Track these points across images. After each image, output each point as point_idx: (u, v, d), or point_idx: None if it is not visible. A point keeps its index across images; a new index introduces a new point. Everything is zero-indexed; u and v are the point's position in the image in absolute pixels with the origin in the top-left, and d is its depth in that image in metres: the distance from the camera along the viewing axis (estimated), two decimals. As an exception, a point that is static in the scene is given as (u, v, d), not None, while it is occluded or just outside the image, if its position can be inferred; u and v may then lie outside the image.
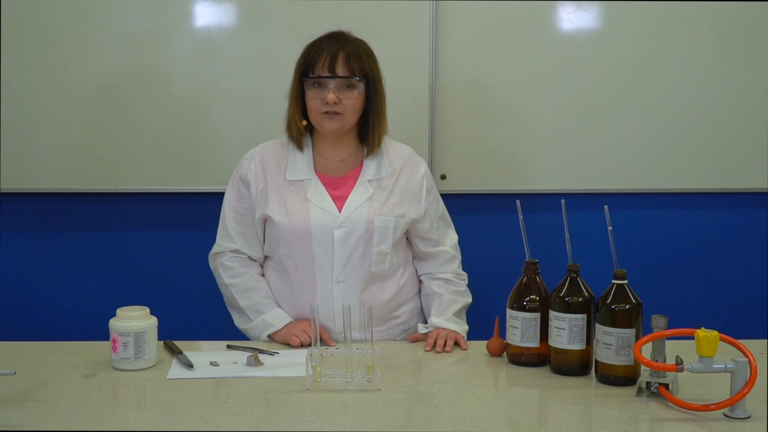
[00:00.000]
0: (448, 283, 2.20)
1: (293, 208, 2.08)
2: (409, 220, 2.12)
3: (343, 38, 2.07)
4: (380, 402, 1.66)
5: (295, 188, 2.10)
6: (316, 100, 2.03)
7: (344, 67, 2.02)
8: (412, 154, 2.21)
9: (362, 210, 2.08)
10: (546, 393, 1.73)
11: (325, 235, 2.07)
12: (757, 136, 2.95)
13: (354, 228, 2.07)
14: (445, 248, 2.21)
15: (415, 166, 2.18)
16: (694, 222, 3.06)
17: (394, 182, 2.13)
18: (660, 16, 2.88)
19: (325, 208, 2.07)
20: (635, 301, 1.75)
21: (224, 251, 2.15)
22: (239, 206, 2.14)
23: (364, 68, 2.05)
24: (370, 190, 2.10)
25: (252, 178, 2.11)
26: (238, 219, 2.14)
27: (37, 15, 2.77)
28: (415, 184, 2.15)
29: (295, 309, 2.12)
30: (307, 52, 2.06)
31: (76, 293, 2.97)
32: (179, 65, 2.83)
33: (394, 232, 2.10)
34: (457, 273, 2.23)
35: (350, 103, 2.03)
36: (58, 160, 2.84)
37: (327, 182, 2.11)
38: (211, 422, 1.55)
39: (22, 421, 1.55)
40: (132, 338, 1.81)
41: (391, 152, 2.16)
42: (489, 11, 2.86)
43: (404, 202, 2.12)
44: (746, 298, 3.05)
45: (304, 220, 2.07)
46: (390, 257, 2.11)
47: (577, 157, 2.94)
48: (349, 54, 2.03)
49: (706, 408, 1.59)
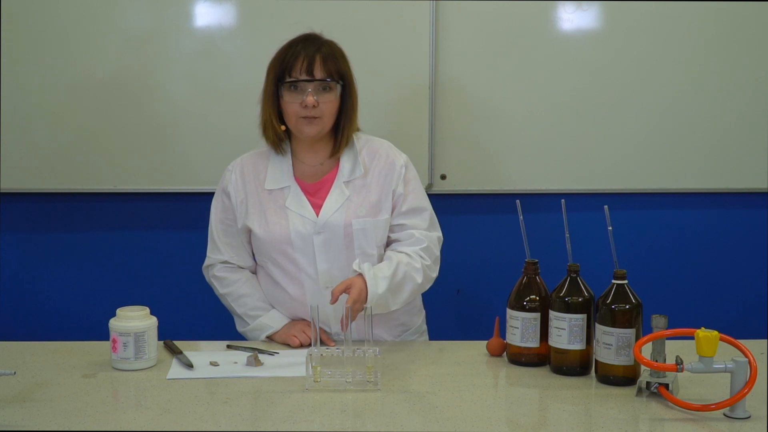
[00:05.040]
0: (407, 256, 2.03)
1: (272, 218, 2.07)
2: (388, 218, 2.08)
3: (318, 40, 2.04)
4: (380, 402, 1.66)
5: (274, 197, 2.08)
6: (293, 104, 2.00)
7: (322, 69, 2.00)
8: (388, 150, 2.13)
9: (339, 214, 2.05)
10: (546, 393, 1.73)
11: (305, 242, 2.05)
12: (757, 136, 2.95)
13: (333, 233, 2.04)
14: (412, 231, 2.07)
15: (392, 162, 2.10)
16: (694, 222, 3.06)
17: (370, 182, 2.08)
18: (660, 15, 2.88)
19: (303, 214, 2.05)
20: (635, 301, 1.75)
21: (214, 263, 2.16)
22: (225, 218, 2.13)
23: (340, 70, 2.03)
24: (346, 193, 2.06)
25: (232, 189, 2.11)
26: (224, 230, 2.14)
27: (37, 15, 2.77)
28: (391, 179, 2.09)
29: (291, 313, 2.12)
30: (282, 55, 2.03)
31: (76, 293, 2.97)
32: (179, 65, 2.83)
33: (375, 233, 2.06)
34: (420, 255, 2.04)
35: (328, 106, 2.01)
36: (58, 160, 2.84)
37: (306, 188, 2.08)
38: (211, 422, 1.55)
39: (22, 421, 1.55)
40: (132, 338, 1.81)
41: (365, 150, 2.11)
42: (489, 11, 2.86)
43: (381, 201, 2.08)
44: (746, 298, 3.05)
45: (283, 229, 2.05)
46: (376, 258, 2.06)
47: (577, 157, 2.94)
48: (326, 56, 2.01)
49: (706, 408, 1.59)
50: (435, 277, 2.12)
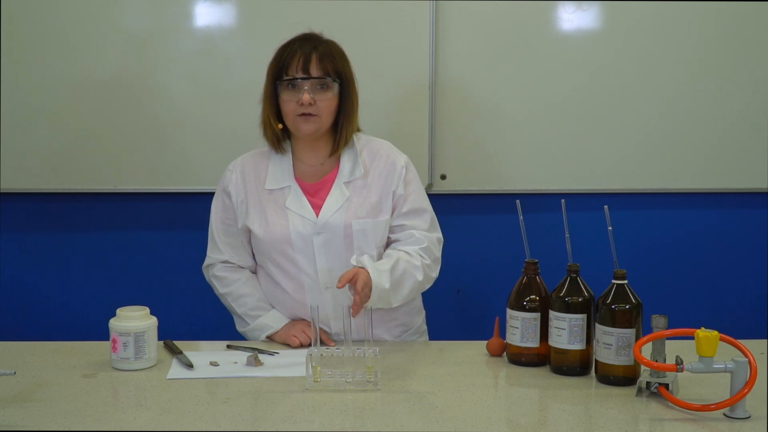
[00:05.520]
0: (407, 254, 2.04)
1: (272, 218, 2.07)
2: (388, 219, 2.08)
3: (315, 39, 2.05)
4: (380, 402, 1.66)
5: (275, 197, 2.08)
6: (290, 102, 2.01)
7: (318, 67, 2.00)
8: (389, 150, 2.13)
9: (339, 214, 2.05)
10: (546, 393, 1.73)
11: (305, 243, 2.05)
12: (757, 136, 2.95)
13: (333, 233, 2.04)
14: (412, 231, 2.08)
15: (392, 163, 2.10)
16: (694, 222, 3.06)
17: (370, 182, 2.09)
18: (660, 15, 2.88)
19: (303, 215, 2.05)
20: (635, 301, 1.75)
21: (215, 263, 2.16)
22: (225, 218, 2.14)
23: (337, 68, 2.03)
24: (346, 193, 2.07)
25: (233, 189, 2.11)
26: (224, 230, 2.14)
27: (37, 15, 2.77)
28: (392, 179, 2.09)
29: (290, 314, 2.12)
30: (279, 54, 2.04)
31: (76, 293, 2.97)
32: (179, 65, 2.83)
33: (375, 233, 2.06)
34: (420, 254, 2.05)
35: (325, 104, 2.01)
36: (58, 160, 2.84)
37: (306, 189, 2.09)
38: (211, 422, 1.55)
39: (22, 421, 1.55)
40: (132, 338, 1.81)
41: (366, 151, 2.11)
42: (489, 11, 2.86)
43: (382, 202, 2.08)
44: (746, 298, 3.05)
45: (283, 229, 2.06)
46: (375, 259, 2.05)
47: (577, 157, 2.94)
48: (323, 55, 2.02)
49: (706, 408, 1.59)
50: (435, 278, 2.11)
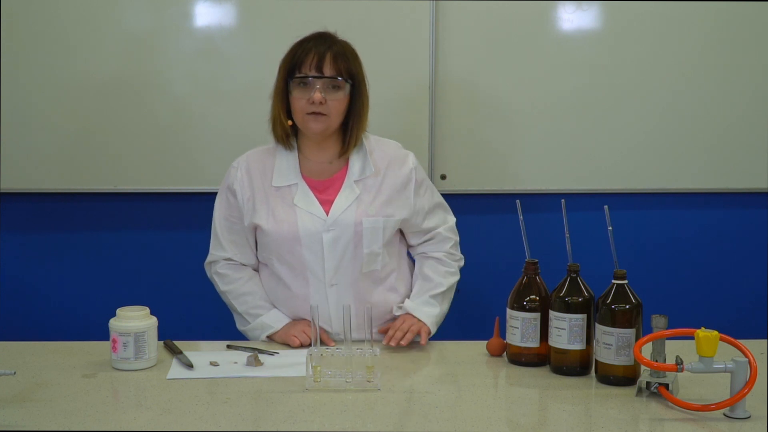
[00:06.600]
0: (439, 262, 2.18)
1: (281, 215, 2.07)
2: (399, 219, 2.10)
3: (330, 39, 2.05)
4: (380, 402, 1.66)
5: (282, 194, 2.09)
6: (301, 100, 2.01)
7: (331, 67, 2.01)
8: (398, 150, 2.16)
9: (350, 212, 2.06)
10: (546, 393, 1.73)
11: (314, 240, 2.06)
12: (757, 136, 2.95)
13: (342, 231, 2.05)
14: (438, 230, 2.19)
15: (402, 162, 2.13)
16: (694, 222, 3.06)
17: (380, 181, 2.10)
18: (660, 15, 2.88)
19: (312, 212, 2.06)
20: (635, 301, 1.75)
21: (217, 260, 2.16)
22: (229, 215, 2.14)
23: (350, 69, 2.03)
24: (356, 191, 2.08)
25: (238, 186, 2.11)
26: (228, 227, 2.14)
27: (37, 15, 2.77)
28: (402, 180, 2.11)
29: (292, 312, 2.12)
30: (293, 51, 2.04)
31: (76, 293, 2.97)
32: (179, 65, 2.83)
33: (384, 232, 2.08)
34: (450, 253, 2.20)
35: (335, 104, 2.02)
36: (58, 160, 2.84)
37: (313, 186, 2.09)
38: (211, 422, 1.55)
39: (22, 421, 1.55)
40: (132, 338, 1.81)
41: (376, 150, 2.13)
42: (489, 11, 2.86)
43: (392, 200, 2.10)
44: (746, 298, 3.05)
45: (292, 226, 2.06)
46: (382, 257, 2.09)
47: (577, 157, 2.94)
48: (337, 54, 2.02)
49: (706, 408, 1.59)
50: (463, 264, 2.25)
